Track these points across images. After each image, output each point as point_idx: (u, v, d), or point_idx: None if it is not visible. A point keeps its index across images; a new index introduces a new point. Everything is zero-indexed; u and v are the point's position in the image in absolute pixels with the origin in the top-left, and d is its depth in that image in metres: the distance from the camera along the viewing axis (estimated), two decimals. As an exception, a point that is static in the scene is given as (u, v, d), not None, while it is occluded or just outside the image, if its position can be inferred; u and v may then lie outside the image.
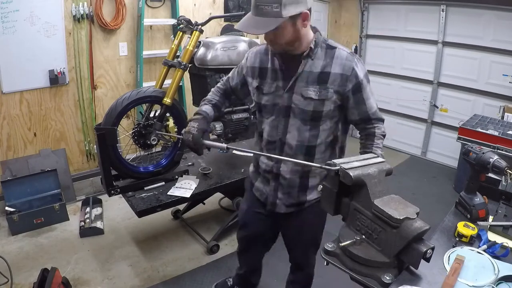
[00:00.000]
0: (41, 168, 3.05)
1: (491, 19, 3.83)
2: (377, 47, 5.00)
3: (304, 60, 1.37)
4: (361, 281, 1.03)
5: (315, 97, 1.37)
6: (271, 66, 1.44)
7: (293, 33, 1.30)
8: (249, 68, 1.52)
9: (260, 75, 1.48)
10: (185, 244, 2.80)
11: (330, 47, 1.39)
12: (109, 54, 3.35)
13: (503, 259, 1.18)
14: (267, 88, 1.45)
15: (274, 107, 1.44)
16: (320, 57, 1.37)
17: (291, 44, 1.33)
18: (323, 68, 1.37)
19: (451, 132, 4.29)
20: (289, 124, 1.43)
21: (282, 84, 1.41)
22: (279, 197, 1.55)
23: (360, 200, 1.07)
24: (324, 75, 1.36)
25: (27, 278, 2.34)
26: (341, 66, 1.36)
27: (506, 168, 1.31)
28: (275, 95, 1.43)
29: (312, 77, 1.37)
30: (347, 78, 1.36)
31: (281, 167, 1.50)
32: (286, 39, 1.30)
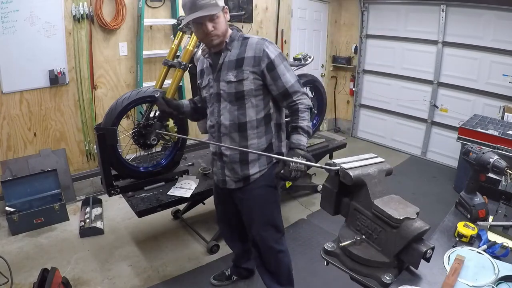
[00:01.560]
0: (41, 168, 3.05)
1: (491, 19, 3.83)
2: (377, 47, 5.00)
3: (224, 53, 1.63)
4: (361, 281, 1.03)
5: (234, 80, 1.61)
6: (206, 65, 1.74)
7: (225, 24, 1.58)
8: (198, 72, 1.83)
9: (201, 75, 1.79)
10: (185, 244, 2.80)
11: (245, 38, 1.65)
12: (109, 54, 3.35)
13: (503, 259, 1.18)
14: (204, 82, 1.74)
15: (210, 96, 1.71)
16: (236, 47, 1.63)
17: (224, 35, 1.59)
18: (238, 55, 1.62)
19: (451, 132, 4.29)
20: (221, 107, 1.67)
21: (212, 76, 1.69)
22: (226, 174, 1.77)
23: (360, 200, 1.07)
24: (239, 61, 1.61)
25: (27, 278, 2.34)
26: (252, 50, 1.60)
27: (506, 168, 1.31)
28: (209, 86, 1.71)
29: (231, 64, 1.62)
30: (260, 59, 1.59)
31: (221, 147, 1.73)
32: (223, 28, 1.57)
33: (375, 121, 5.26)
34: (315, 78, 3.33)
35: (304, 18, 4.94)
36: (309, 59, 3.10)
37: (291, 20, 4.76)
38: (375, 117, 5.25)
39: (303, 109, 1.65)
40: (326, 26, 5.30)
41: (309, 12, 5.00)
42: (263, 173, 1.74)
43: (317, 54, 5.24)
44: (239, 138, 1.68)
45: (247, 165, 1.72)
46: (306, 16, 4.97)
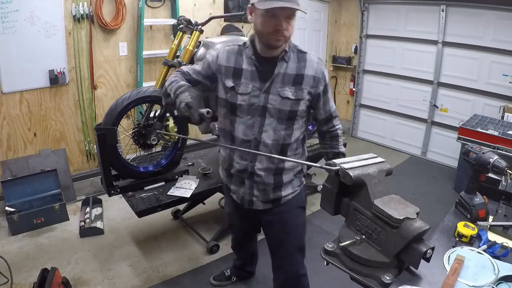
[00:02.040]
0: (41, 168, 3.05)
1: (491, 19, 3.83)
2: (377, 47, 5.00)
3: (280, 63, 1.45)
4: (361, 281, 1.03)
5: (292, 97, 1.45)
6: (248, 67, 1.47)
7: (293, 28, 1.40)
8: (223, 67, 1.51)
9: (234, 75, 1.49)
10: (185, 244, 2.80)
11: (301, 51, 1.50)
12: (109, 54, 3.35)
13: (503, 259, 1.18)
14: (243, 88, 1.47)
15: (250, 107, 1.47)
16: (293, 60, 1.47)
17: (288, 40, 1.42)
18: (297, 70, 1.46)
19: (451, 132, 4.29)
20: (265, 123, 1.48)
21: (258, 85, 1.46)
22: (255, 195, 1.59)
23: (360, 200, 1.07)
24: (299, 77, 1.46)
25: (27, 278, 2.34)
26: (313, 69, 1.47)
27: (506, 168, 1.31)
28: (251, 95, 1.46)
29: (288, 78, 1.45)
30: (319, 81, 1.49)
31: (255, 166, 1.53)
32: (291, 32, 1.39)
33: (375, 121, 5.26)
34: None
35: (304, 18, 4.94)
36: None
37: (291, 20, 4.75)
38: (375, 117, 5.25)
39: (340, 134, 1.66)
40: (326, 26, 5.30)
41: (309, 12, 5.00)
42: (295, 194, 1.64)
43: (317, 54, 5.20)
44: (277, 160, 1.52)
45: (281, 187, 1.59)
46: (306, 16, 4.97)
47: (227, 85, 1.49)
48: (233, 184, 1.65)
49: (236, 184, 1.63)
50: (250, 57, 1.47)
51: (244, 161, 1.55)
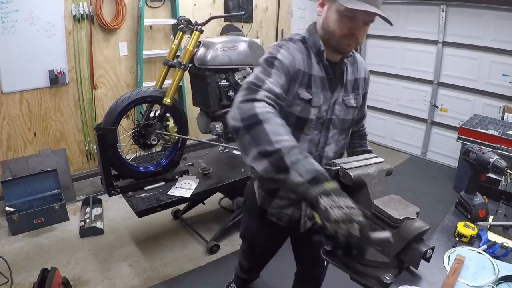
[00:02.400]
0: (41, 168, 3.05)
1: (491, 19, 3.83)
2: (377, 47, 5.00)
3: (346, 68, 1.28)
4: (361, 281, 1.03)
5: (355, 105, 1.32)
6: (319, 74, 1.21)
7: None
8: (301, 72, 1.18)
9: (308, 84, 1.20)
10: (185, 244, 2.80)
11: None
12: (109, 54, 3.35)
13: (503, 259, 1.17)
14: (316, 100, 1.21)
15: (317, 120, 1.25)
16: (349, 63, 1.31)
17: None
18: (354, 74, 1.32)
19: (451, 132, 4.29)
20: (328, 136, 1.30)
21: (328, 95, 1.24)
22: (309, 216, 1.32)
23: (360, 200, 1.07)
24: (356, 82, 1.33)
25: (27, 278, 2.34)
26: (363, 70, 1.37)
27: (506, 168, 1.31)
28: (321, 108, 1.24)
29: (349, 84, 1.31)
30: (367, 82, 1.40)
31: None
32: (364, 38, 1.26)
33: (375, 121, 5.26)
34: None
35: (304, 18, 4.94)
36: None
37: (291, 20, 4.75)
38: (375, 117, 5.25)
39: (367, 132, 1.59)
40: (326, 26, 5.29)
41: (309, 12, 4.99)
42: None
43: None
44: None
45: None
46: (306, 16, 4.97)
47: (303, 97, 1.19)
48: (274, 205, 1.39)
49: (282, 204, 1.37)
50: (321, 61, 1.21)
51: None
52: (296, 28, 4.85)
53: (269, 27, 4.53)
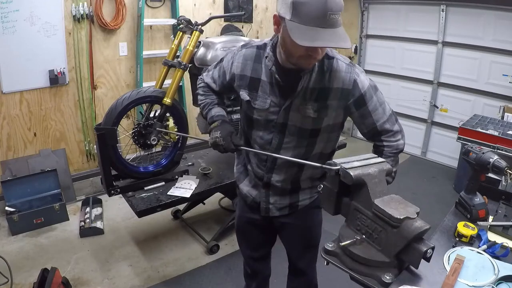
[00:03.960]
0: (41, 168, 3.05)
1: (491, 19, 3.83)
2: (377, 47, 5.00)
3: (304, 77, 1.21)
4: (361, 281, 1.03)
5: (314, 115, 1.26)
6: (267, 79, 1.27)
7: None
8: (238, 76, 1.34)
9: (250, 87, 1.31)
10: (185, 244, 2.80)
11: (328, 56, 1.23)
12: (109, 54, 3.35)
13: (503, 259, 1.18)
14: (260, 103, 1.30)
15: (267, 123, 1.32)
16: (318, 70, 1.22)
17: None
18: (321, 83, 1.23)
19: (451, 132, 4.29)
20: (284, 141, 1.33)
21: (278, 101, 1.27)
22: (271, 202, 1.48)
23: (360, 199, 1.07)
24: (323, 92, 1.24)
25: (27, 278, 2.34)
26: (340, 80, 1.23)
27: (506, 168, 1.31)
28: (269, 111, 1.29)
29: (310, 93, 1.24)
30: (349, 92, 1.25)
31: (272, 177, 1.42)
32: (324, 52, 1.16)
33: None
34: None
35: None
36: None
37: (291, 20, 4.75)
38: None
39: (388, 153, 1.33)
40: (326, 26, 5.29)
41: (309, 12, 4.99)
42: (313, 199, 1.51)
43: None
44: (296, 171, 1.40)
45: (298, 193, 1.47)
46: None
47: (242, 97, 1.34)
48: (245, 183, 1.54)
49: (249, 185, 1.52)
50: (269, 68, 1.24)
51: (260, 170, 1.44)
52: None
53: (269, 27, 4.53)
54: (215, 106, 1.50)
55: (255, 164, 1.46)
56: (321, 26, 1.02)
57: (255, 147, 1.41)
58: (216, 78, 1.48)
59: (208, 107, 1.51)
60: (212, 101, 1.52)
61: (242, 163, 1.57)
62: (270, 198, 1.48)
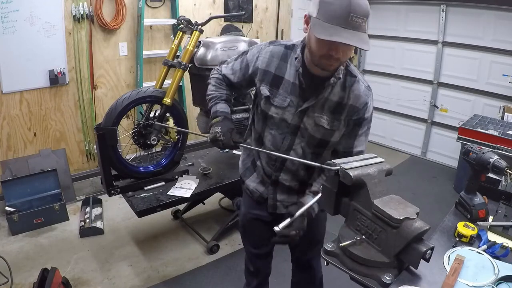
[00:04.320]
0: (41, 168, 3.05)
1: (491, 19, 3.83)
2: (377, 47, 4.99)
3: (327, 87, 1.26)
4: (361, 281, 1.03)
5: (327, 127, 1.30)
6: (291, 79, 1.30)
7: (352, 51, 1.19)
8: (261, 70, 1.35)
9: (272, 83, 1.33)
10: (185, 244, 2.80)
11: (351, 74, 1.30)
12: (109, 54, 3.35)
13: (503, 259, 1.18)
14: (279, 100, 1.32)
15: (282, 121, 1.35)
16: (339, 85, 1.28)
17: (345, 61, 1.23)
18: (341, 98, 1.29)
19: (451, 132, 4.29)
20: (295, 142, 1.36)
21: (296, 102, 1.30)
22: (279, 200, 1.51)
23: (360, 200, 1.07)
24: (340, 106, 1.29)
25: (27, 278, 2.34)
26: (357, 98, 1.29)
27: (506, 168, 1.31)
28: (285, 110, 1.32)
29: (328, 105, 1.29)
30: (358, 111, 1.31)
31: (280, 176, 1.45)
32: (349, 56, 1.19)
33: (375, 121, 5.13)
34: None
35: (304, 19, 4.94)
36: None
37: (291, 20, 4.75)
38: (375, 117, 5.14)
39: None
40: (326, 26, 5.29)
41: (309, 12, 4.99)
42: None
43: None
44: (304, 175, 1.44)
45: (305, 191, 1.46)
46: (306, 16, 4.97)
47: (262, 92, 1.35)
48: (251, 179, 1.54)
49: (256, 180, 1.53)
50: (297, 69, 1.27)
51: (269, 168, 1.46)
52: (296, 28, 4.85)
53: (269, 27, 4.53)
54: (221, 102, 1.48)
55: (265, 161, 1.47)
56: (343, 26, 1.06)
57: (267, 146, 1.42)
58: (237, 69, 1.46)
59: (215, 100, 1.49)
60: (221, 95, 1.50)
61: (250, 158, 1.56)
62: (278, 195, 1.50)
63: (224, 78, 1.52)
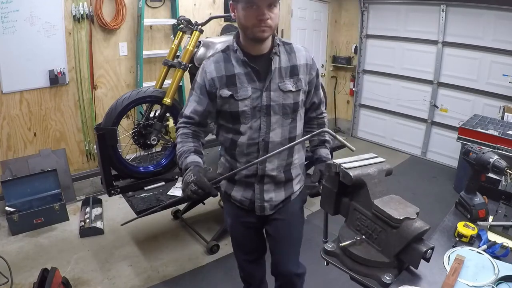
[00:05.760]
0: (41, 168, 3.05)
1: (491, 19, 3.83)
2: (377, 47, 5.00)
3: (274, 58, 1.40)
4: (361, 281, 1.03)
5: (294, 89, 1.42)
6: (241, 70, 1.39)
7: (278, 18, 1.37)
8: (216, 79, 1.40)
9: (228, 83, 1.39)
10: (185, 244, 2.80)
11: (286, 43, 1.47)
12: (109, 54, 3.35)
13: (503, 259, 1.17)
14: (242, 93, 1.39)
15: (253, 110, 1.40)
16: (283, 53, 1.43)
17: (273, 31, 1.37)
18: (291, 62, 1.43)
19: (451, 132, 4.29)
20: (271, 122, 1.42)
21: (257, 85, 1.39)
22: (266, 200, 1.51)
23: (360, 200, 1.07)
24: (294, 68, 1.43)
25: (27, 278, 2.34)
26: (304, 57, 1.45)
27: (506, 168, 1.31)
28: (252, 98, 1.39)
29: (285, 71, 1.42)
30: (311, 67, 1.47)
31: (266, 167, 1.46)
32: (276, 22, 1.36)
33: (375, 121, 5.26)
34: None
35: (304, 18, 4.94)
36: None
37: (291, 20, 4.75)
38: (375, 117, 5.25)
39: (327, 122, 1.63)
40: (326, 26, 5.29)
41: (309, 12, 4.99)
42: (301, 188, 1.62)
43: (317, 54, 5.24)
44: (287, 155, 1.49)
45: (292, 182, 1.55)
46: (306, 16, 4.97)
47: (224, 95, 1.39)
48: (235, 190, 1.55)
49: (242, 189, 1.53)
50: (241, 59, 1.38)
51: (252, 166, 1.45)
52: (296, 28, 4.85)
53: (269, 27, 4.52)
54: (190, 154, 1.43)
55: (244, 163, 1.46)
56: None
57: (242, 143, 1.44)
58: (198, 100, 1.45)
59: (184, 155, 1.43)
60: (188, 149, 1.45)
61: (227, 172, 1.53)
62: (265, 194, 1.51)
63: (189, 123, 1.48)
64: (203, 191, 1.28)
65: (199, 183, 1.27)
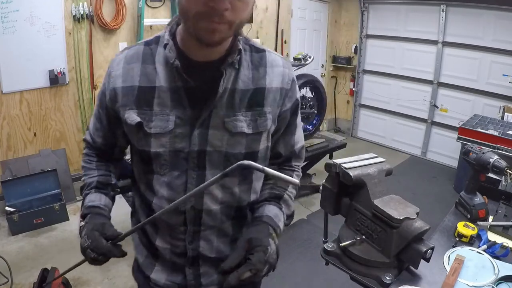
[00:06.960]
0: (41, 168, 3.04)
1: (491, 19, 3.83)
2: (377, 47, 5.00)
3: (228, 71, 0.82)
4: (361, 281, 1.03)
5: (249, 131, 0.85)
6: (166, 84, 0.82)
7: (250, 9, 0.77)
8: (119, 91, 0.85)
9: (139, 102, 0.83)
10: (185, 244, 2.80)
11: (256, 48, 0.89)
12: (109, 54, 3.35)
13: (503, 259, 1.17)
14: (158, 123, 0.82)
15: (174, 155, 0.84)
16: (246, 66, 0.85)
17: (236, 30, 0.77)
18: (255, 82, 0.85)
19: (451, 132, 4.29)
20: (205, 179, 0.84)
21: (188, 115, 0.82)
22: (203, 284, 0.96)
23: (360, 200, 1.07)
24: (258, 94, 0.85)
25: (27, 278, 2.34)
26: (279, 76, 0.88)
27: (506, 168, 1.31)
28: (175, 135, 0.83)
29: (239, 98, 0.84)
30: (287, 94, 0.90)
31: (200, 246, 0.92)
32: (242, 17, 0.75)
33: (375, 121, 5.26)
34: (315, 78, 3.33)
35: (304, 18, 4.94)
36: (309, 59, 3.11)
37: (291, 20, 4.76)
38: (375, 117, 5.25)
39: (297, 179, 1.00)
40: (326, 26, 5.30)
41: (309, 12, 5.00)
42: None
43: (317, 54, 5.24)
44: (232, 230, 0.94)
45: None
46: (306, 16, 4.97)
47: (130, 122, 0.84)
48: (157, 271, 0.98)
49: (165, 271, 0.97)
50: (171, 63, 0.80)
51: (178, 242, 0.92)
52: (296, 28, 4.85)
53: (269, 27, 4.53)
54: (91, 192, 0.96)
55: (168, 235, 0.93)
56: None
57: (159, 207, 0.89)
58: (97, 119, 0.95)
59: (85, 191, 0.98)
60: (91, 181, 0.98)
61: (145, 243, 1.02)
62: (203, 279, 0.96)
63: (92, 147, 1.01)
64: (104, 256, 0.84)
65: (96, 248, 0.83)
